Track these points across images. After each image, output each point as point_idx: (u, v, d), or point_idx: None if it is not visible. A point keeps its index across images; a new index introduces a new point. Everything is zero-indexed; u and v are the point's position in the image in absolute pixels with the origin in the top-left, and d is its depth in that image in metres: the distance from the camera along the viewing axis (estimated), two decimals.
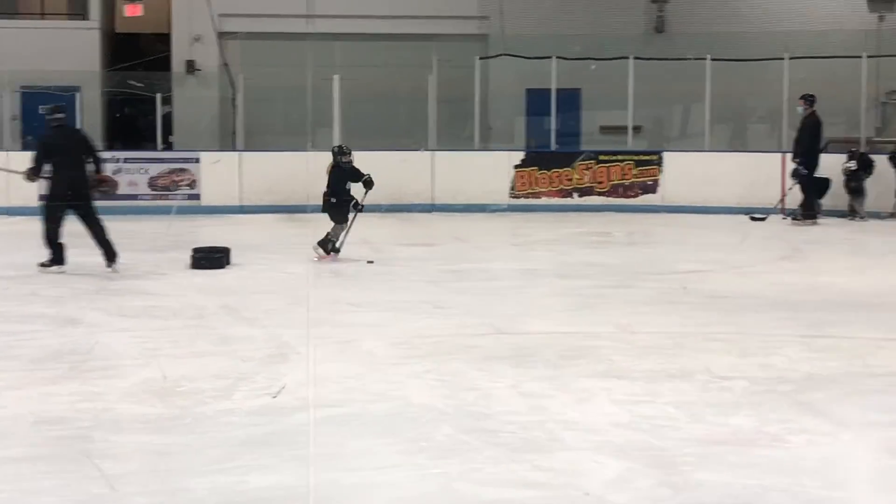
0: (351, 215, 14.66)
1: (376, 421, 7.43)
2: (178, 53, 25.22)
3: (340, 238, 14.65)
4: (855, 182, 19.86)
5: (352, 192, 14.65)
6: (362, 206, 14.69)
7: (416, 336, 10.13)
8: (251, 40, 24.11)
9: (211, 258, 14.16)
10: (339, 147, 14.99)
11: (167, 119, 23.70)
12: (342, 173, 14.68)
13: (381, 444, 6.90)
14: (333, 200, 14.64)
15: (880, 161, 19.87)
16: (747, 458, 6.66)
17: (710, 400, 7.96)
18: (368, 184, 14.58)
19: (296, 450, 6.77)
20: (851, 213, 19.76)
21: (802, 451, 6.81)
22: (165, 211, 20.31)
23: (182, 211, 20.30)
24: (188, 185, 21.19)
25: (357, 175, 14.64)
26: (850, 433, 7.18)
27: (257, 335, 10.12)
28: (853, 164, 19.85)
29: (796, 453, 6.76)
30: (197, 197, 21.13)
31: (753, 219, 19.61)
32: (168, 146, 22.92)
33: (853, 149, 20.22)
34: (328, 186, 14.74)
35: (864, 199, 19.78)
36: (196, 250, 14.30)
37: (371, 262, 14.32)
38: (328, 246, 14.60)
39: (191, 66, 25.07)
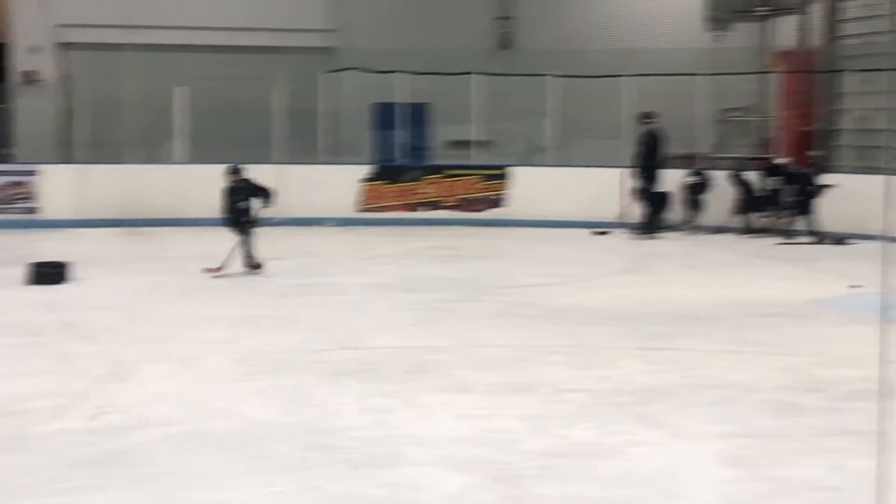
0: (244, 230, 14.55)
1: (217, 439, 7.34)
2: (18, 63, 24.62)
3: (245, 253, 14.50)
4: (695, 196, 20.30)
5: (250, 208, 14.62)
6: (254, 220, 14.61)
7: (261, 352, 10.04)
8: (93, 51, 23.66)
9: (48, 273, 13.83)
10: (228, 166, 14.93)
11: (3, 130, 23.10)
12: (235, 191, 14.65)
13: (220, 463, 6.82)
14: (228, 217, 14.61)
15: (718, 177, 20.33)
16: (588, 471, 6.74)
17: (553, 413, 8.04)
18: (266, 198, 14.56)
19: (133, 469, 6.64)
20: (689, 226, 20.15)
21: (641, 462, 6.92)
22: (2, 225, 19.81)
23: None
24: (24, 198, 20.67)
25: (256, 191, 14.63)
26: (686, 444, 7.31)
27: (96, 352, 9.91)
28: (695, 179, 20.27)
29: (635, 465, 6.87)
30: (36, 210, 20.64)
31: (597, 233, 19.91)
32: (4, 158, 22.35)
33: (695, 164, 20.64)
34: (222, 204, 14.72)
35: (703, 213, 20.20)
36: (32, 265, 13.94)
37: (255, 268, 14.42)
38: (252, 261, 14.46)
39: (29, 77, 24.50)
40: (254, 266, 14.54)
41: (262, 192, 14.68)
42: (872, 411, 6.21)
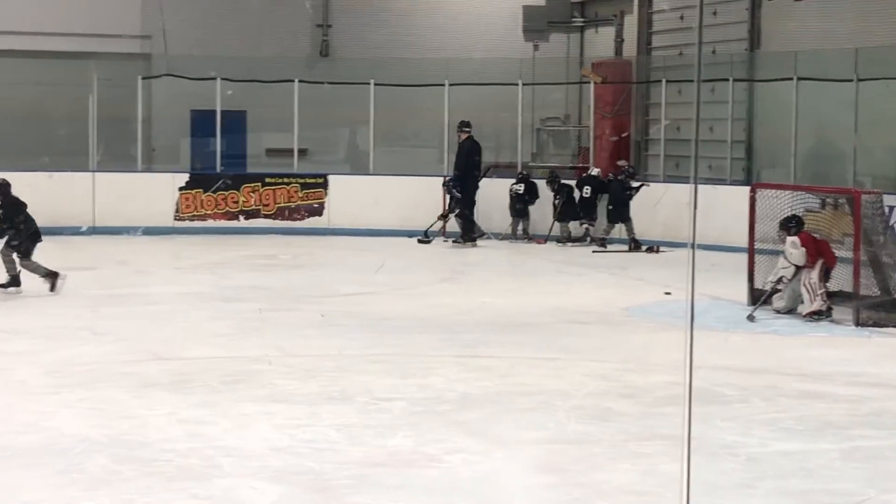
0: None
1: (25, 453, 7.13)
2: None
3: (32, 268, 13.82)
4: (521, 204, 20.43)
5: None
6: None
7: (71, 363, 9.79)
8: None
9: None
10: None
11: None
12: (8, 207, 13.85)
13: (30, 477, 6.63)
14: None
15: (540, 185, 20.56)
16: (404, 480, 6.73)
17: (370, 422, 8.01)
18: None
19: None
20: (515, 234, 20.33)
21: (458, 470, 6.94)
22: None
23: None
24: None
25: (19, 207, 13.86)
26: (503, 451, 7.36)
27: None
28: (521, 188, 20.44)
29: (452, 473, 6.89)
30: None
31: (421, 241, 19.96)
32: None
33: (522, 172, 20.81)
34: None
35: (528, 221, 20.37)
36: None
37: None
38: (44, 272, 13.75)
39: None
40: (50, 276, 13.75)
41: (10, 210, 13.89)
42: (682, 416, 6.34)
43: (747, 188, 14.83)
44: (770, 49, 20.77)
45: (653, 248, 18.83)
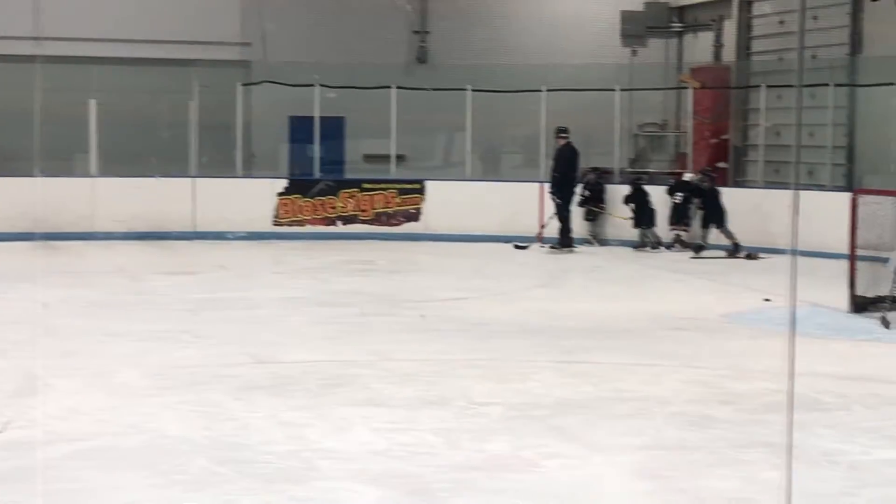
0: None
1: (128, 454, 7.25)
2: None
3: None
4: (640, 211, 20.23)
5: None
6: None
7: (173, 366, 9.93)
8: (2, 63, 23.26)
9: None
10: None
11: None
12: None
13: (132, 478, 6.73)
14: None
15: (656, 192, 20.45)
16: (502, 484, 6.74)
17: (468, 426, 8.03)
18: None
19: (43, 485, 6.53)
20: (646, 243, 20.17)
21: (555, 475, 6.93)
22: None
23: None
24: None
25: None
26: (600, 456, 7.34)
27: (5, 367, 9.75)
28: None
29: (549, 477, 6.88)
30: None
31: (517, 247, 19.97)
32: None
33: (626, 179, 20.70)
34: None
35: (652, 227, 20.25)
36: None
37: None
38: None
39: None
40: None
41: None
42: (783, 423, 6.29)
43: (848, 194, 14.62)
44: (872, 53, 20.46)
45: (751, 254, 18.65)
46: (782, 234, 16.64)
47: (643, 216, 20.20)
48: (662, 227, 20.22)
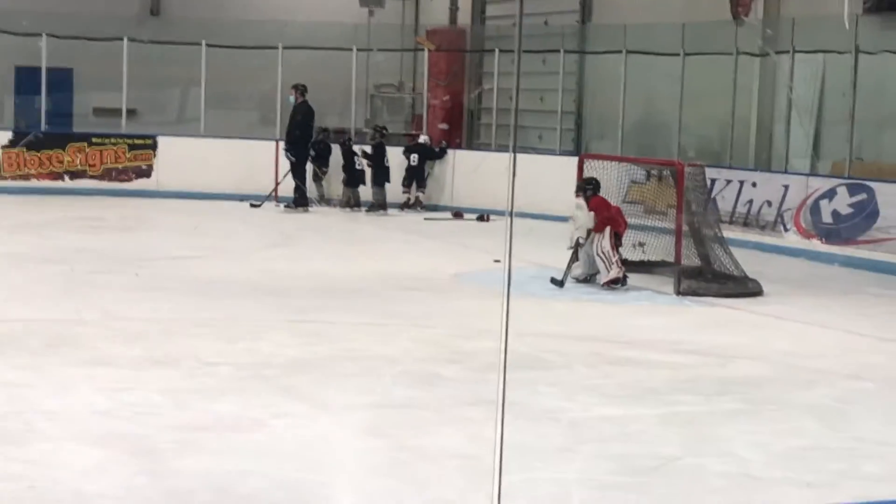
0: None
1: None
2: None
3: None
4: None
5: None
6: None
7: None
8: None
9: None
10: None
11: None
12: None
13: None
14: None
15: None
16: (229, 444, 6.70)
17: (196, 386, 7.95)
18: None
19: None
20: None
21: (283, 434, 6.94)
22: None
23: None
24: None
25: None
26: (329, 416, 7.38)
27: None
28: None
29: (277, 437, 6.88)
30: None
31: (252, 205, 19.80)
32: None
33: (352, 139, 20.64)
34: None
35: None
36: None
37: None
38: None
39: None
40: None
41: None
42: (510, 381, 6.44)
43: (576, 158, 15.06)
44: (601, 22, 21.08)
45: (483, 216, 19.00)
46: (514, 195, 16.98)
47: (378, 174, 20.14)
48: (394, 188, 20.28)
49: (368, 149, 20.19)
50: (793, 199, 16.16)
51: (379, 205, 19.77)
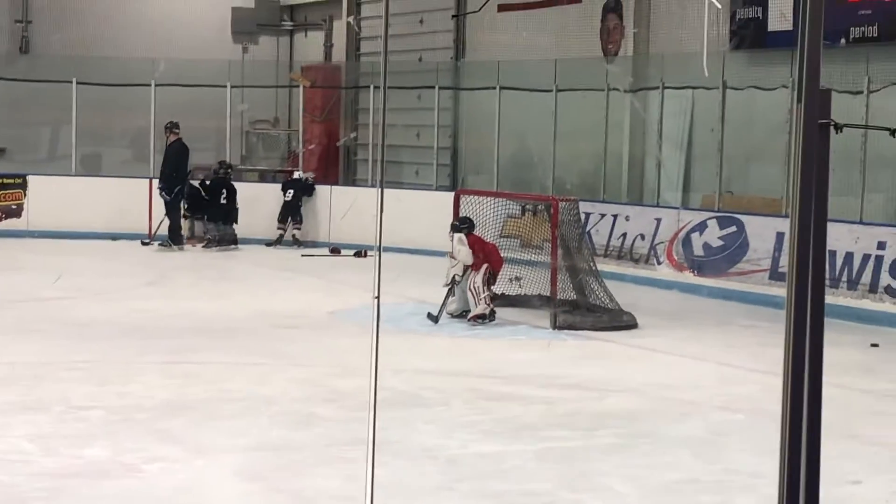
0: None
1: None
2: None
3: None
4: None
5: None
6: None
7: None
8: None
9: None
10: None
11: None
12: None
13: None
14: None
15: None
16: (101, 491, 6.57)
17: (66, 431, 7.78)
18: None
19: None
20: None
21: (156, 479, 6.82)
22: None
23: None
24: None
25: None
26: (204, 459, 7.27)
27: None
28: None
29: (150, 482, 6.76)
30: None
31: (143, 243, 19.52)
32: None
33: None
34: None
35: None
36: None
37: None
38: None
39: None
40: None
41: None
42: (388, 420, 6.40)
43: (452, 194, 15.12)
44: (475, 59, 21.24)
45: (360, 252, 18.96)
46: (391, 231, 16.98)
47: (227, 212, 19.91)
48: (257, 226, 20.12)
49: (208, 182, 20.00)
50: (665, 232, 16.41)
51: (212, 240, 19.63)
